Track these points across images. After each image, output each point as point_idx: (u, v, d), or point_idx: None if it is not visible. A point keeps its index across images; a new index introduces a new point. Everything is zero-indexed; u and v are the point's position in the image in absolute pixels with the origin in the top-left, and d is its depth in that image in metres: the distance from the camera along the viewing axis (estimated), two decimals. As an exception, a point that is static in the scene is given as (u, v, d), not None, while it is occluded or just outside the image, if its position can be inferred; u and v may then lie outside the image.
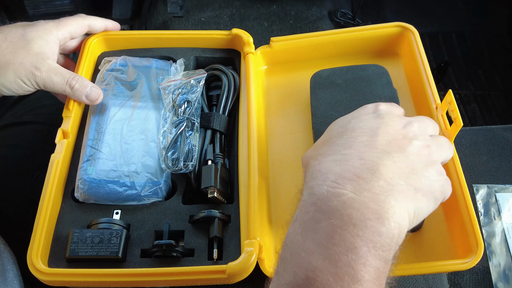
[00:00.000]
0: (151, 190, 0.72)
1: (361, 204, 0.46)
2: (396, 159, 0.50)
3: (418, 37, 0.83)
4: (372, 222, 0.45)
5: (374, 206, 0.46)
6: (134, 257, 0.68)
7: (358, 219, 0.45)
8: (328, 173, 0.49)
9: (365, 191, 0.47)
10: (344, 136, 0.53)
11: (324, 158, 0.52)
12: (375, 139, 0.51)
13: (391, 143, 0.51)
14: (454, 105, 0.69)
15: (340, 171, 0.49)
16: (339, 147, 0.52)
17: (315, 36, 0.87)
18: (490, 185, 0.81)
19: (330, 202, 0.47)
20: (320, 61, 0.88)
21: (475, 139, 0.86)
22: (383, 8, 1.61)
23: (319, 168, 0.51)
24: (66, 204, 0.73)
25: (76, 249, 0.67)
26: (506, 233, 0.77)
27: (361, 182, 0.48)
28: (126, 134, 0.77)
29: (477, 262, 0.62)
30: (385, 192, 0.47)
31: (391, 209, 0.47)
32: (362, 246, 0.44)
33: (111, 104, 0.80)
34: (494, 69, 1.52)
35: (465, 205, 0.66)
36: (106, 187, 0.72)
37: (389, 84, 0.78)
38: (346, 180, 0.48)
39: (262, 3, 1.41)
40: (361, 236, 0.45)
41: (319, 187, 0.49)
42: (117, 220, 0.70)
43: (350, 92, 0.78)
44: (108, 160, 0.74)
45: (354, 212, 0.46)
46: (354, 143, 0.52)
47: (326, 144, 0.54)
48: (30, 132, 0.91)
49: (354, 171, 0.48)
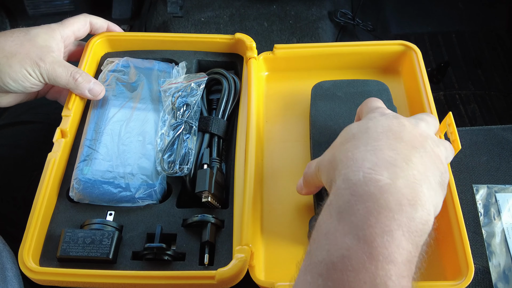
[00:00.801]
0: (145, 193, 0.72)
1: (397, 190, 0.48)
2: (422, 154, 0.53)
3: (420, 57, 0.84)
4: (406, 207, 0.47)
5: (409, 192, 0.48)
6: (125, 258, 0.68)
7: (394, 204, 0.47)
8: (364, 161, 0.51)
9: (401, 178, 0.49)
10: (369, 132, 0.55)
11: (356, 149, 0.53)
12: (400, 135, 0.54)
13: (413, 140, 0.54)
14: (453, 128, 0.69)
15: (375, 159, 0.51)
16: (369, 139, 0.54)
17: (319, 46, 0.87)
18: (490, 185, 0.81)
19: (367, 187, 0.49)
20: (321, 71, 0.88)
21: (475, 139, 0.85)
22: (383, 9, 1.60)
23: (353, 157, 0.52)
24: (61, 203, 0.73)
25: (68, 248, 0.67)
26: (506, 233, 0.76)
27: (397, 170, 0.50)
28: (124, 135, 0.76)
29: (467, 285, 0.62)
30: (418, 181, 0.50)
31: (423, 197, 0.49)
32: (397, 230, 0.46)
33: (110, 105, 0.79)
34: (494, 69, 1.51)
35: (457, 226, 0.66)
36: (101, 187, 0.72)
37: (389, 102, 0.78)
38: (383, 167, 0.50)
39: (262, 3, 1.41)
40: (396, 220, 0.47)
41: (354, 173, 0.50)
42: (109, 221, 0.70)
43: (350, 105, 0.78)
44: (105, 161, 0.74)
45: (390, 197, 0.47)
46: (382, 137, 0.54)
47: (352, 140, 0.56)
48: (28, 132, 0.91)
49: (389, 159, 0.51)
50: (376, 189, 0.48)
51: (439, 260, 0.68)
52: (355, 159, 0.52)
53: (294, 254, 0.70)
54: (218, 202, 0.73)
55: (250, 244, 0.66)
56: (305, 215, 0.70)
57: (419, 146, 0.53)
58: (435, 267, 0.68)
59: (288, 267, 0.68)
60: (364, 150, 0.53)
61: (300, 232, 0.71)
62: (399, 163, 0.50)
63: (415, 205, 0.48)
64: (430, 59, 1.53)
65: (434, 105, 0.78)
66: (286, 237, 0.72)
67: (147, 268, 0.67)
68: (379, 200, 0.47)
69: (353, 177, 0.50)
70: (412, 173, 0.50)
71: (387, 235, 0.46)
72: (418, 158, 0.52)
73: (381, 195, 0.48)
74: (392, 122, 0.56)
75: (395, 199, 0.48)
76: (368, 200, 0.48)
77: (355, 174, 0.50)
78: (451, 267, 0.66)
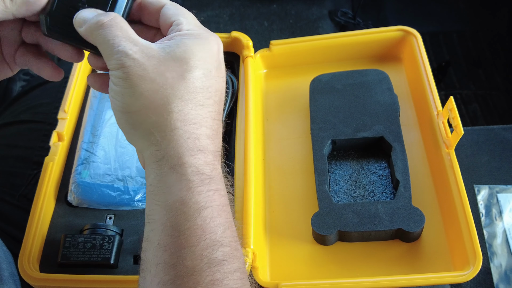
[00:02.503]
0: (144, 196, 0.71)
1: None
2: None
3: (420, 41, 0.82)
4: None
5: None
6: (126, 263, 0.68)
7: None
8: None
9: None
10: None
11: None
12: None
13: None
14: (455, 112, 0.68)
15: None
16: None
17: (316, 39, 0.86)
18: (491, 185, 0.80)
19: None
20: (320, 65, 0.87)
21: (476, 139, 0.85)
22: (384, 8, 1.60)
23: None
24: (60, 208, 0.73)
25: (68, 254, 0.66)
26: (508, 234, 0.76)
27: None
28: (121, 138, 0.76)
29: (475, 274, 0.61)
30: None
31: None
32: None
33: (107, 107, 0.79)
34: (495, 69, 1.51)
35: (464, 215, 0.66)
36: (100, 191, 0.71)
37: (389, 90, 0.78)
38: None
39: (262, 3, 1.40)
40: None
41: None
42: (110, 226, 0.69)
43: (349, 97, 0.78)
44: (103, 164, 0.73)
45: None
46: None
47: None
48: (27, 131, 0.90)
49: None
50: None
51: (447, 251, 0.67)
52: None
53: (299, 253, 0.69)
54: (219, 204, 0.72)
55: (252, 246, 0.66)
56: (308, 213, 0.70)
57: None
58: (443, 258, 0.67)
59: (292, 266, 0.68)
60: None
61: (303, 230, 0.70)
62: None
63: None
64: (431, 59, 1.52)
65: (436, 90, 0.77)
66: (290, 236, 0.71)
67: (149, 271, 0.66)
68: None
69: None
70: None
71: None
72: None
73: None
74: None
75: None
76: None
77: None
78: (459, 257, 0.65)
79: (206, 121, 0.48)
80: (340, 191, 0.72)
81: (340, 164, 0.75)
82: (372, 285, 0.63)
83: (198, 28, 0.51)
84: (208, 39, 0.50)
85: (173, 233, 0.44)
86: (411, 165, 0.72)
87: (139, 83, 0.46)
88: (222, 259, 0.44)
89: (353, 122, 0.75)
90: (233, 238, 0.47)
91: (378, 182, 0.72)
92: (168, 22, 0.51)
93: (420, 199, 0.71)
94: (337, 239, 0.69)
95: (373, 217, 0.66)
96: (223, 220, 0.46)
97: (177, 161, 0.46)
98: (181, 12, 0.51)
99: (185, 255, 0.43)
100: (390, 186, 0.71)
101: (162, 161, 0.46)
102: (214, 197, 0.46)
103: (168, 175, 0.46)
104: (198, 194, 0.45)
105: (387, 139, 0.73)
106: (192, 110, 0.47)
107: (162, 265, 0.44)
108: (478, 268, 0.62)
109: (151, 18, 0.53)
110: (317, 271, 0.68)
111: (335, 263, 0.68)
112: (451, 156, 0.70)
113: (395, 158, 0.71)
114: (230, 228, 0.47)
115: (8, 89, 1.33)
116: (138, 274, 0.65)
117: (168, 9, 0.51)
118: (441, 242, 0.68)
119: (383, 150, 0.75)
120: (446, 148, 0.71)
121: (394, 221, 0.66)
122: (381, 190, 0.71)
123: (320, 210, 0.68)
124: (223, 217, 0.46)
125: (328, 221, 0.67)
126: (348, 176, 0.74)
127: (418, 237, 0.68)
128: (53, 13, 0.51)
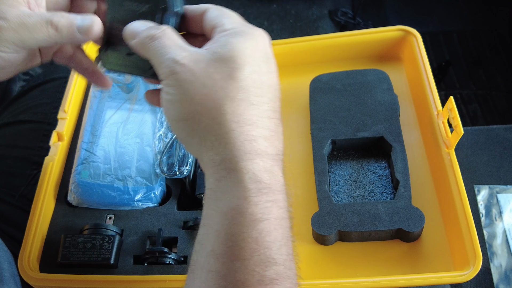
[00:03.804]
0: (144, 195, 0.72)
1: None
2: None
3: (420, 41, 0.82)
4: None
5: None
6: (126, 263, 0.68)
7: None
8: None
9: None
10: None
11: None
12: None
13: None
14: (455, 112, 0.68)
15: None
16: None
17: (315, 39, 0.85)
18: (491, 185, 0.80)
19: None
20: (320, 65, 0.87)
21: (476, 139, 0.85)
22: (384, 8, 1.60)
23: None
24: (59, 208, 0.73)
25: (68, 254, 0.66)
26: (508, 234, 0.76)
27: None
28: (121, 138, 0.76)
29: (475, 274, 0.61)
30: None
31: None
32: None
33: (107, 107, 0.79)
34: (495, 69, 1.50)
35: (464, 215, 0.65)
36: (100, 191, 0.71)
37: (389, 90, 0.78)
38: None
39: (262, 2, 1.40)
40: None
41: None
42: (109, 226, 0.69)
43: (349, 97, 0.78)
44: (102, 164, 0.73)
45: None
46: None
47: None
48: (27, 131, 0.90)
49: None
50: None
51: (447, 251, 0.67)
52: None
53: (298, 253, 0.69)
54: (219, 204, 0.72)
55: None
56: (308, 213, 0.69)
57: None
58: (443, 258, 0.67)
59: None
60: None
61: (303, 230, 0.70)
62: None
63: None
64: (431, 58, 1.52)
65: (436, 90, 0.77)
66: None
67: (149, 272, 0.67)
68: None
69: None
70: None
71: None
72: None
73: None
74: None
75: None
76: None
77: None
78: (459, 257, 0.65)
79: (262, 121, 0.46)
80: (340, 191, 0.72)
81: (340, 164, 0.75)
82: (372, 285, 0.63)
83: (242, 25, 0.49)
84: (254, 34, 0.48)
85: (227, 243, 0.43)
86: (411, 165, 0.72)
87: (190, 88, 0.45)
88: (274, 277, 0.43)
89: (353, 122, 0.75)
90: (288, 256, 0.45)
91: (378, 182, 0.72)
92: (211, 25, 0.50)
93: (420, 199, 0.71)
94: (337, 239, 0.68)
95: (373, 217, 0.66)
96: (279, 235, 0.44)
97: (234, 166, 0.44)
98: (224, 12, 0.51)
99: (237, 268, 0.42)
100: (390, 186, 0.71)
101: (220, 165, 0.45)
102: (271, 209, 0.44)
103: (224, 180, 0.45)
104: (255, 205, 0.44)
105: (387, 139, 0.73)
106: (245, 110, 0.45)
107: (213, 273, 0.43)
108: (478, 268, 0.61)
109: (197, 26, 0.53)
110: (317, 271, 0.67)
111: (335, 263, 0.68)
112: (451, 156, 0.70)
113: (395, 158, 0.71)
114: (286, 245, 0.45)
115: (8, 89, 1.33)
116: (137, 274, 0.66)
117: (211, 13, 0.51)
118: (441, 242, 0.68)
119: (383, 150, 0.75)
120: (446, 148, 0.71)
121: (394, 221, 0.66)
122: (381, 190, 0.71)
123: (320, 210, 0.68)
124: (279, 232, 0.44)
125: (328, 221, 0.67)
126: (348, 176, 0.74)
127: (418, 237, 0.68)
128: (109, 48, 0.53)
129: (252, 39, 0.48)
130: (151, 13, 0.51)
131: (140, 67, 0.52)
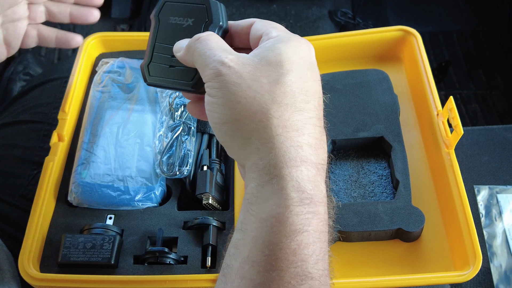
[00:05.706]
0: (145, 196, 0.72)
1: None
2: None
3: (420, 41, 0.82)
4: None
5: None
6: (126, 263, 0.67)
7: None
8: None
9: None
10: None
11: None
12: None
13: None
14: (454, 112, 0.68)
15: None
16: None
17: (315, 39, 0.85)
18: (491, 186, 0.80)
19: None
20: (320, 65, 0.84)
21: (476, 139, 0.85)
22: (384, 8, 1.60)
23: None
24: (60, 208, 0.72)
25: (68, 254, 0.66)
26: (508, 234, 0.76)
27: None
28: (121, 138, 0.76)
29: (475, 274, 0.61)
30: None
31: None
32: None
33: (107, 107, 0.79)
34: (495, 69, 1.51)
35: (464, 215, 0.66)
36: (100, 191, 0.71)
37: (389, 90, 0.78)
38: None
39: (262, 2, 1.40)
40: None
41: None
42: (110, 226, 0.69)
43: (349, 97, 0.78)
44: (103, 164, 0.73)
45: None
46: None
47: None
48: (27, 131, 0.90)
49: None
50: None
51: (447, 251, 0.68)
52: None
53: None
54: (218, 204, 0.72)
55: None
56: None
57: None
58: (443, 258, 0.67)
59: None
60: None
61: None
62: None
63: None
64: (431, 58, 1.52)
65: (436, 90, 0.77)
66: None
67: (149, 272, 0.67)
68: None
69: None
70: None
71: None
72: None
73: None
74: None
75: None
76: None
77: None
78: (459, 257, 0.65)
79: (307, 128, 0.45)
80: (340, 191, 0.72)
81: (340, 164, 0.75)
82: (372, 285, 0.63)
83: (287, 33, 0.49)
84: (299, 42, 0.48)
85: (264, 251, 0.42)
86: (411, 165, 0.72)
87: (236, 90, 0.45)
88: None
89: (353, 122, 0.75)
90: (324, 271, 0.44)
91: (378, 182, 0.72)
92: (258, 35, 0.50)
93: (420, 199, 0.71)
94: (337, 239, 0.68)
95: (373, 217, 0.66)
96: (317, 249, 0.43)
97: (278, 172, 0.43)
98: (270, 24, 0.51)
99: (272, 278, 0.41)
100: (390, 186, 0.71)
101: (263, 170, 0.44)
102: (312, 221, 0.43)
103: (267, 185, 0.44)
104: (296, 215, 0.43)
105: (387, 139, 0.73)
106: (292, 115, 0.45)
107: (247, 280, 0.42)
108: (478, 268, 0.62)
109: (241, 40, 0.53)
110: (317, 271, 0.67)
111: (335, 263, 0.68)
112: (451, 156, 0.70)
113: (395, 158, 0.71)
114: (323, 260, 0.44)
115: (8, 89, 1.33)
116: (138, 274, 0.66)
117: (257, 24, 0.51)
118: (441, 242, 0.68)
119: (383, 150, 0.75)
120: (446, 148, 0.71)
121: (394, 221, 0.66)
122: (381, 190, 0.71)
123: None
124: (317, 246, 0.43)
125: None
126: (348, 176, 0.74)
127: (418, 237, 0.68)
128: (152, 63, 0.54)
129: (298, 46, 0.48)
130: (196, 27, 0.52)
131: (183, 78, 0.52)
